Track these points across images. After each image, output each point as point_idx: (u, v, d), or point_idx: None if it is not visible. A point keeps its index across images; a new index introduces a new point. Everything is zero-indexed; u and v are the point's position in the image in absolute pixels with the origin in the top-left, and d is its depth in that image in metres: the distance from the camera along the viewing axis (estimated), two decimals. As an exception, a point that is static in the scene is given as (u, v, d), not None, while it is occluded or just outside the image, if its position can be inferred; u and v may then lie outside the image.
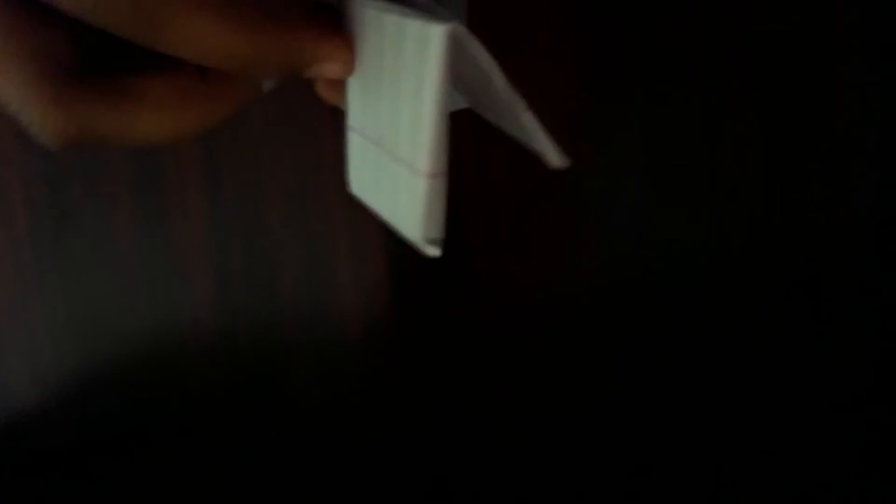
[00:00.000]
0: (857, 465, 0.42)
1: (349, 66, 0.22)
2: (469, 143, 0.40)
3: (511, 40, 0.40)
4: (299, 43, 0.20)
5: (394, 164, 0.21)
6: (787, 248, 0.41)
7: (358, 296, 0.41)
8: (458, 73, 0.19)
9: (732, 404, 0.42)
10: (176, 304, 0.41)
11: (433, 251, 0.21)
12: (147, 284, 0.41)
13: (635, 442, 0.42)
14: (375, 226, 0.40)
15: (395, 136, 0.21)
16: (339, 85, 0.23)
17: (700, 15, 0.40)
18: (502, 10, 0.39)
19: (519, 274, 0.41)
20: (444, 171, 0.20)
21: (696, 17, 0.40)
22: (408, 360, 0.42)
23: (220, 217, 0.40)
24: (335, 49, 0.21)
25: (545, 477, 0.42)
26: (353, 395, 0.42)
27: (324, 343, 0.41)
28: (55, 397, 0.41)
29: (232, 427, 0.42)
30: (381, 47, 0.20)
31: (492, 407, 0.42)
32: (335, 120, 0.40)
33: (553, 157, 0.21)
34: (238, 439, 0.42)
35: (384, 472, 0.42)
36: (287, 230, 0.41)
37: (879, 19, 0.40)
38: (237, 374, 0.41)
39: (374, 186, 0.23)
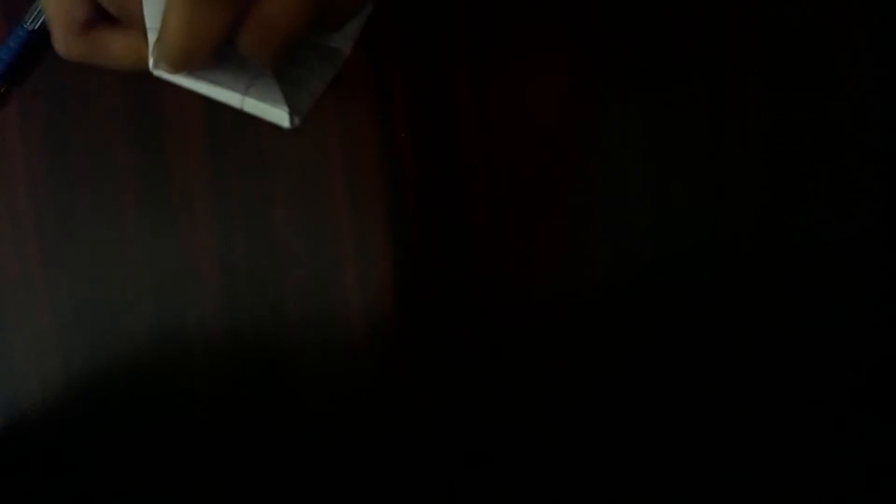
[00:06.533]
0: (858, 466, 0.42)
1: None
2: (473, 143, 0.40)
3: (512, 39, 0.40)
4: None
5: None
6: (794, 246, 0.41)
7: (363, 296, 0.41)
8: None
9: (739, 403, 0.42)
10: (182, 305, 0.41)
11: None
12: (153, 285, 0.41)
13: (642, 440, 0.42)
14: (381, 226, 0.40)
15: None
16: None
17: (703, 12, 0.40)
18: (502, 8, 0.39)
19: (525, 273, 0.41)
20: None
21: (698, 14, 0.40)
22: (413, 360, 0.42)
23: (226, 217, 0.40)
24: None
25: (551, 476, 0.42)
26: (359, 395, 0.42)
27: (329, 343, 0.41)
28: (61, 397, 0.41)
29: (237, 427, 0.42)
30: None
31: (497, 407, 0.42)
32: (340, 120, 0.40)
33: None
34: (243, 439, 0.42)
35: (390, 472, 0.42)
36: (292, 230, 0.41)
37: (884, 12, 0.40)
38: (243, 375, 0.41)
39: None
